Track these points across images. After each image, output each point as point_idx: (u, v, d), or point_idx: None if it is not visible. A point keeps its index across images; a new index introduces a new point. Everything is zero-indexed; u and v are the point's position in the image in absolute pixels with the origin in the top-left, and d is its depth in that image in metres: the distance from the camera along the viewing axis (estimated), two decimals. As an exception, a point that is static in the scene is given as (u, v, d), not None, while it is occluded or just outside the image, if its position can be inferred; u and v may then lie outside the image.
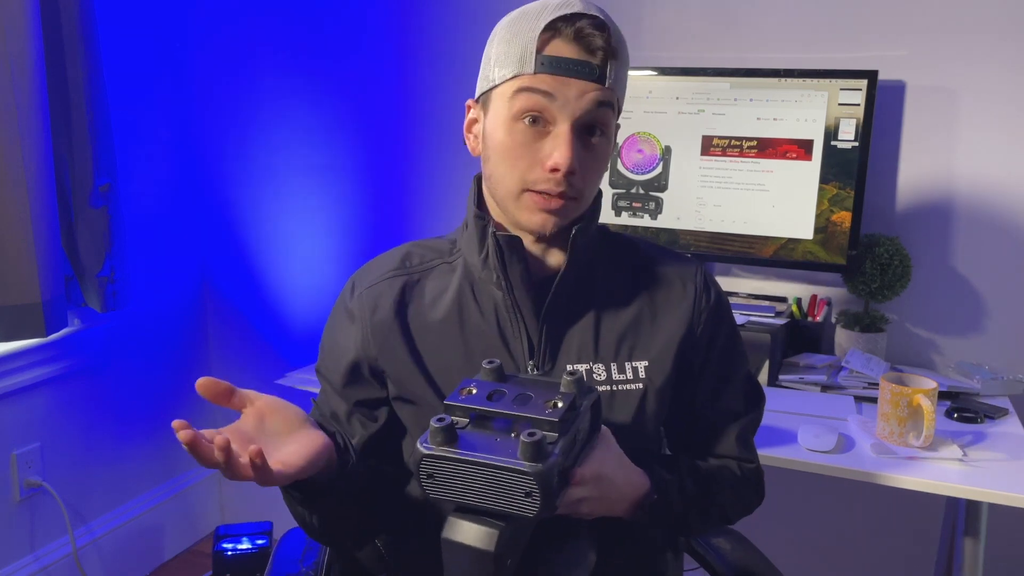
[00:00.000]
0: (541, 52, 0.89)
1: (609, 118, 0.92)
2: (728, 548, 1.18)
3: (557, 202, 0.91)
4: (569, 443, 0.78)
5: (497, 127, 0.93)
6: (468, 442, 0.76)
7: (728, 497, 1.03)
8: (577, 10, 0.89)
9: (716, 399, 1.04)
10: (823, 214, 1.67)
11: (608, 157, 0.95)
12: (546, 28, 0.89)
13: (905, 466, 1.30)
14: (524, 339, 0.97)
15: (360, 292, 1.02)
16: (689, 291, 1.01)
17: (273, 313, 2.35)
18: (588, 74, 0.89)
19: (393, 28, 2.10)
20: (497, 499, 0.74)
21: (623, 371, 0.98)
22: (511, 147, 0.91)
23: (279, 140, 2.26)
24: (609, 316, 0.99)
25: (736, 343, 1.06)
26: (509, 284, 0.96)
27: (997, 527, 1.57)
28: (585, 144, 0.91)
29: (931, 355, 1.78)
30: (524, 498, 0.73)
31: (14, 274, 1.73)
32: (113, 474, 2.20)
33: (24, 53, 1.69)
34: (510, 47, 0.91)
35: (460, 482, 0.75)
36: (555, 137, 0.90)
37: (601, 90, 0.89)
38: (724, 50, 1.83)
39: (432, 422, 0.76)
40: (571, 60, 0.88)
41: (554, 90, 0.88)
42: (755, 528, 1.14)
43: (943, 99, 1.70)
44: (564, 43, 0.89)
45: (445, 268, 1.02)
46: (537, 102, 0.89)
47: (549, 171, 0.90)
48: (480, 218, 0.97)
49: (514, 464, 0.73)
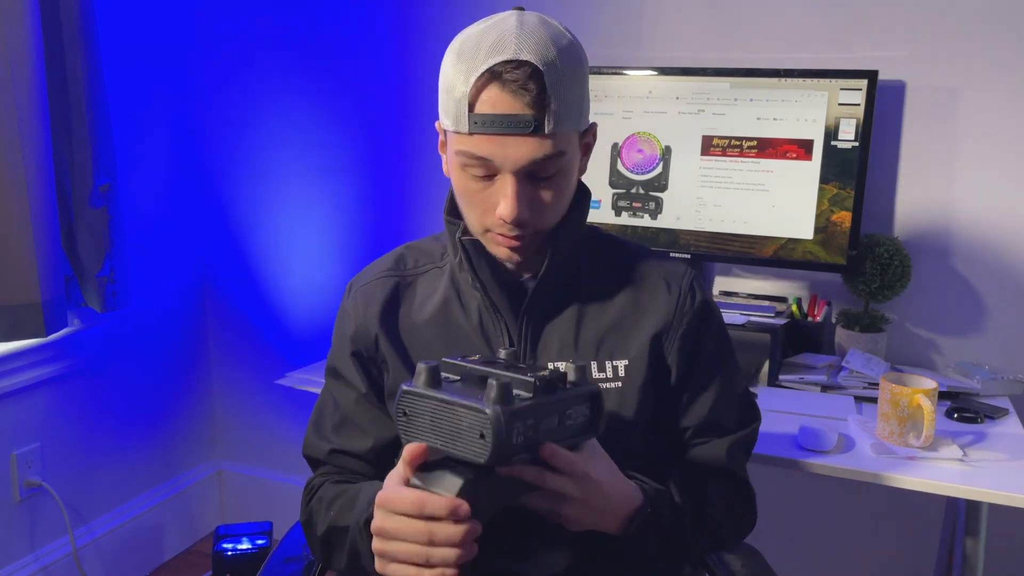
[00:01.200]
0: (473, 110, 0.87)
1: (556, 165, 0.90)
2: (738, 564, 1.15)
3: (516, 242, 0.93)
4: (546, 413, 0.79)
5: (453, 169, 0.94)
6: (449, 390, 0.79)
7: (721, 514, 1.01)
8: (508, 55, 0.86)
9: (704, 412, 1.01)
10: (823, 214, 1.67)
11: (566, 188, 0.94)
12: (477, 79, 0.86)
13: (905, 466, 1.30)
14: (505, 337, 0.99)
15: (355, 291, 1.06)
16: (673, 292, 1.01)
17: (273, 313, 2.35)
18: (523, 127, 0.86)
19: (393, 28, 2.10)
20: (456, 441, 0.76)
21: (603, 369, 0.98)
22: (465, 193, 0.93)
23: (279, 140, 2.26)
24: (591, 315, 1.00)
25: (725, 356, 1.05)
26: (482, 285, 0.97)
27: (997, 527, 1.57)
28: (535, 187, 0.91)
29: (931, 355, 1.78)
30: (478, 439, 0.74)
31: (14, 274, 1.73)
32: (113, 474, 2.20)
33: (24, 53, 1.68)
34: (449, 97, 0.90)
35: (428, 422, 0.78)
36: (501, 187, 0.90)
37: (540, 143, 0.87)
38: (724, 50, 1.82)
39: (419, 364, 0.79)
40: (503, 116, 0.86)
41: (489, 153, 0.88)
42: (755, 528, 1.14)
43: (943, 99, 1.70)
44: (496, 94, 0.86)
45: (435, 272, 1.05)
46: (475, 164, 0.90)
47: (499, 219, 0.91)
48: (452, 224, 0.99)
49: (473, 403, 0.75)
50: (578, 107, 0.91)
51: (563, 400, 0.81)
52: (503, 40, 0.87)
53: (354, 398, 1.04)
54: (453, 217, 0.99)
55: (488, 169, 0.90)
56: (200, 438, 2.46)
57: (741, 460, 1.05)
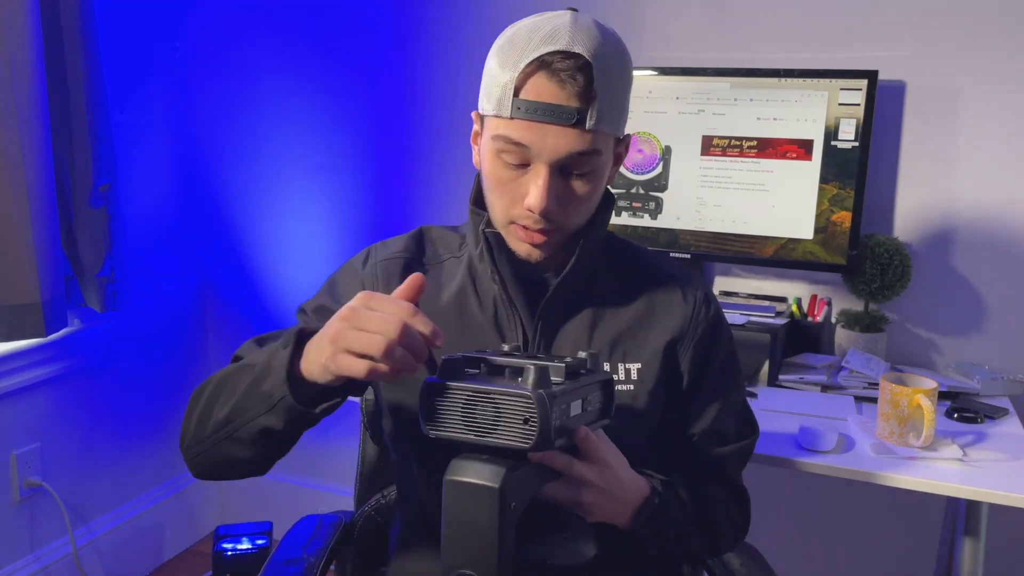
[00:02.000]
0: (518, 95, 0.88)
1: (592, 163, 0.91)
2: (737, 563, 1.15)
3: (539, 237, 0.93)
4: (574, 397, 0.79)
5: (486, 156, 0.94)
6: (474, 380, 0.76)
7: (721, 519, 1.03)
8: (561, 47, 0.87)
9: (708, 420, 1.03)
10: (823, 214, 1.67)
11: (596, 190, 0.94)
12: (526, 66, 0.87)
13: (905, 466, 1.30)
14: (519, 332, 0.99)
15: (375, 262, 1.04)
16: (689, 301, 1.03)
17: (273, 313, 2.35)
18: (565, 119, 0.87)
19: (393, 28, 2.10)
20: (495, 430, 0.74)
21: (616, 371, 0.99)
22: (495, 182, 0.93)
23: (279, 140, 2.26)
24: (606, 317, 1.00)
25: (733, 368, 1.06)
26: (501, 278, 0.97)
27: (997, 527, 1.57)
28: (566, 182, 0.91)
29: (931, 355, 1.78)
30: (522, 425, 0.73)
31: (14, 274, 1.73)
32: (113, 474, 2.20)
33: (24, 53, 1.68)
34: (495, 80, 0.90)
35: (460, 414, 0.75)
36: (533, 177, 0.90)
37: (579, 136, 0.88)
38: (724, 50, 1.82)
39: (443, 358, 0.77)
40: (546, 105, 0.87)
41: (528, 140, 0.88)
42: (755, 528, 1.14)
43: (943, 99, 1.70)
44: (543, 82, 0.87)
45: (453, 261, 1.05)
46: (512, 150, 0.90)
47: (527, 209, 0.91)
48: (476, 214, 0.99)
49: (515, 389, 0.73)
50: (620, 110, 0.92)
51: (586, 385, 0.81)
52: (557, 32, 0.88)
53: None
54: (478, 208, 1.00)
55: (523, 157, 0.90)
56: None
57: (738, 470, 1.07)
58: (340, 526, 1.22)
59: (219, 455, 0.89)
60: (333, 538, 1.18)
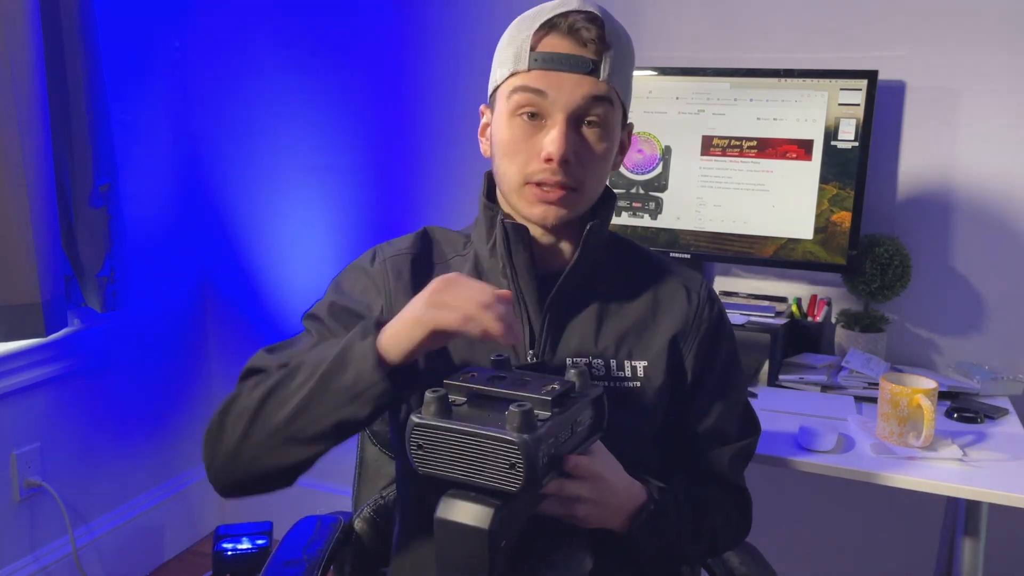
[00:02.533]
0: (535, 49, 0.92)
1: (605, 112, 0.93)
2: (737, 563, 1.15)
3: (556, 193, 0.93)
4: (562, 427, 0.78)
5: (500, 125, 0.96)
6: (460, 416, 0.76)
7: (720, 521, 1.03)
8: (572, 7, 0.92)
9: (710, 419, 1.04)
10: (823, 214, 1.67)
11: (609, 151, 0.96)
12: (541, 26, 0.92)
13: (905, 466, 1.30)
14: (527, 328, 0.99)
15: (383, 260, 1.04)
16: (693, 300, 1.03)
17: (273, 313, 2.35)
18: (581, 67, 0.91)
19: (395, 27, 2.10)
20: (482, 472, 0.74)
21: (622, 368, 0.99)
22: (511, 141, 0.94)
23: (279, 140, 2.26)
24: (612, 314, 1.00)
25: (735, 367, 1.07)
26: (514, 272, 0.97)
27: (997, 527, 1.57)
28: (581, 135, 0.93)
29: (931, 355, 1.78)
30: (508, 470, 0.73)
31: (14, 274, 1.73)
32: (113, 474, 2.20)
33: (24, 54, 1.68)
34: (508, 47, 0.94)
35: (448, 454, 0.75)
36: (550, 129, 0.92)
37: (595, 83, 0.91)
38: (724, 50, 1.82)
39: (427, 393, 0.77)
40: (563, 55, 0.91)
41: (546, 87, 0.91)
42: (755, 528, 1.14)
43: (943, 99, 1.70)
44: (558, 38, 0.91)
45: (458, 260, 1.05)
46: (531, 99, 0.92)
47: (544, 161, 0.92)
48: (490, 208, 1.00)
49: (499, 433, 0.73)
50: (627, 75, 0.96)
51: (575, 411, 0.81)
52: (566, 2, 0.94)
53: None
54: (491, 202, 1.00)
55: (540, 108, 0.92)
56: (200, 438, 2.45)
57: (740, 470, 1.07)
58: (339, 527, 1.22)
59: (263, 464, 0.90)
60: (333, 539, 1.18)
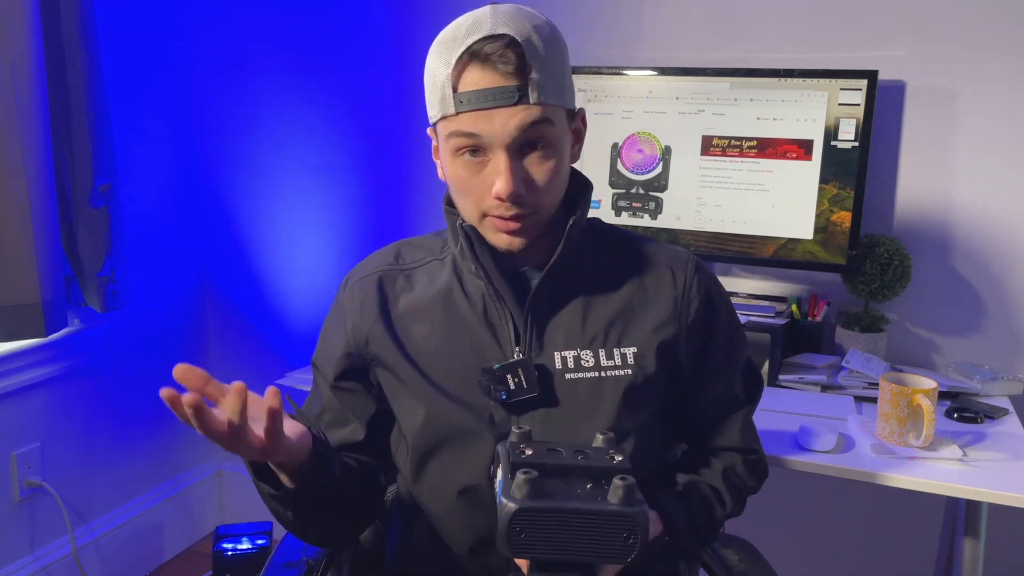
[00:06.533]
0: (457, 90, 0.89)
1: (545, 132, 0.91)
2: (735, 559, 1.15)
3: (514, 224, 0.93)
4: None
5: (446, 161, 0.95)
6: (562, 496, 0.75)
7: (731, 507, 1.05)
8: (485, 32, 0.88)
9: (719, 390, 1.05)
10: (823, 214, 1.67)
11: (560, 163, 0.94)
12: (458, 60, 0.88)
13: (905, 466, 1.30)
14: (510, 326, 0.99)
15: (351, 285, 1.06)
16: (679, 279, 1.02)
17: (273, 313, 2.35)
18: (507, 99, 0.88)
19: (393, 27, 2.10)
20: (593, 547, 0.74)
21: (611, 357, 0.99)
22: (460, 182, 0.94)
23: (279, 140, 2.26)
24: (597, 303, 1.00)
25: (735, 332, 1.07)
26: (486, 273, 0.97)
27: (997, 527, 1.57)
28: (529, 162, 0.92)
29: (931, 355, 1.78)
30: (623, 542, 0.73)
31: (14, 274, 1.73)
32: (113, 474, 2.20)
33: (24, 53, 1.68)
34: (433, 87, 0.92)
35: (554, 534, 0.74)
36: (494, 166, 0.91)
37: (526, 110, 0.88)
38: (724, 50, 1.82)
39: (518, 475, 0.75)
40: (486, 91, 0.88)
41: (477, 129, 0.89)
42: (755, 528, 1.14)
43: (943, 99, 1.70)
44: (477, 72, 0.88)
45: (435, 264, 1.05)
46: (467, 141, 0.90)
47: (495, 199, 0.91)
48: (451, 214, 0.99)
49: (616, 508, 0.73)
50: (560, 80, 0.92)
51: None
52: (478, 22, 0.89)
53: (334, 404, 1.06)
54: (451, 207, 1.00)
55: (479, 147, 0.90)
56: (200, 438, 2.43)
57: (753, 429, 1.09)
58: (339, 527, 1.22)
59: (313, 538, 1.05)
60: (333, 539, 1.18)
